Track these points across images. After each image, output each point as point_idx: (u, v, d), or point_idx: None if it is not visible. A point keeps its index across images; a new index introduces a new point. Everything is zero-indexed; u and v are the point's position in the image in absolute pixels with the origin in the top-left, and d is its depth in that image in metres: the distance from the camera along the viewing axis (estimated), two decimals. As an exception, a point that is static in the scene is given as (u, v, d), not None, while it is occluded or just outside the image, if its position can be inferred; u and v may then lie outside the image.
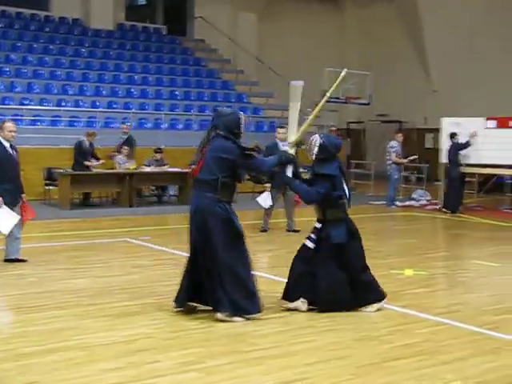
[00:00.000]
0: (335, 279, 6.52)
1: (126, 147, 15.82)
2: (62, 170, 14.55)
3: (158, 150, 16.28)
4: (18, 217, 8.69)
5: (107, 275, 8.32)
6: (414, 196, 17.91)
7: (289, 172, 6.70)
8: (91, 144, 15.10)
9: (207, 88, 23.15)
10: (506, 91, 22.68)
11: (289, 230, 12.16)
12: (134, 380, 4.81)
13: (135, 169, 15.48)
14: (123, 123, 17.02)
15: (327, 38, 28.61)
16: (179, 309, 6.52)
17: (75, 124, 18.56)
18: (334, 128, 23.00)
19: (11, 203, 8.65)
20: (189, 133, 19.23)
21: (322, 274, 6.51)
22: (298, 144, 6.88)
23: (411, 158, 17.20)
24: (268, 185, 11.85)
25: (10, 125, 8.72)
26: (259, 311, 6.35)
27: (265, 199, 11.75)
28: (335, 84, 7.05)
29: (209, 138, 6.40)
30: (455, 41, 24.75)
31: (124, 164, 15.50)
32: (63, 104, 19.20)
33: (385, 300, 6.78)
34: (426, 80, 26.56)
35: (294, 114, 6.86)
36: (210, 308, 6.41)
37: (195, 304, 6.55)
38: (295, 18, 27.43)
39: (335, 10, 29.55)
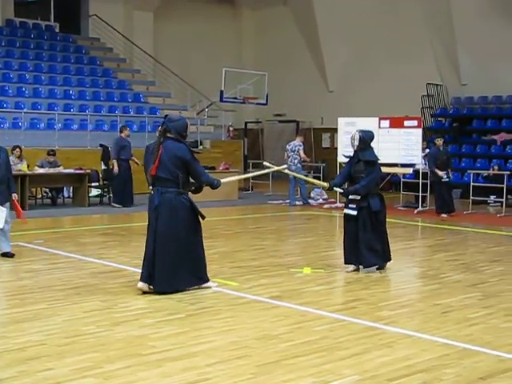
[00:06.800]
0: None
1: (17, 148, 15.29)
2: None
3: (51, 152, 15.82)
4: (4, 209, 9.04)
5: (-2, 281, 7.99)
6: (312, 195, 18.18)
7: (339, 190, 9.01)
8: None
9: (103, 87, 22.69)
10: (396, 92, 23.35)
11: None
12: (26, 389, 4.62)
13: (29, 170, 14.99)
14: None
15: (224, 38, 28.64)
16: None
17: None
18: (231, 128, 23.07)
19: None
20: (84, 133, 18.79)
21: None
22: None
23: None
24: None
25: None
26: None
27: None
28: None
29: (161, 139, 7.29)
30: (349, 42, 25.31)
31: (16, 165, 14.94)
32: (-51, 104, 18.36)
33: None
34: (322, 81, 27.05)
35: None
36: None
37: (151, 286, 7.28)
38: (192, 19, 27.28)
39: (232, 11, 29.63)
